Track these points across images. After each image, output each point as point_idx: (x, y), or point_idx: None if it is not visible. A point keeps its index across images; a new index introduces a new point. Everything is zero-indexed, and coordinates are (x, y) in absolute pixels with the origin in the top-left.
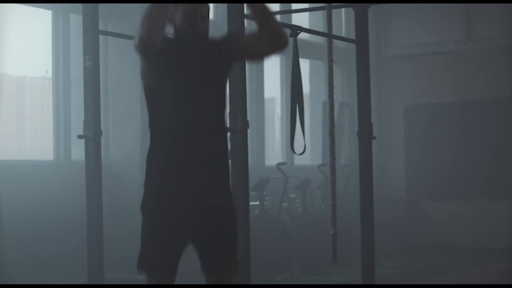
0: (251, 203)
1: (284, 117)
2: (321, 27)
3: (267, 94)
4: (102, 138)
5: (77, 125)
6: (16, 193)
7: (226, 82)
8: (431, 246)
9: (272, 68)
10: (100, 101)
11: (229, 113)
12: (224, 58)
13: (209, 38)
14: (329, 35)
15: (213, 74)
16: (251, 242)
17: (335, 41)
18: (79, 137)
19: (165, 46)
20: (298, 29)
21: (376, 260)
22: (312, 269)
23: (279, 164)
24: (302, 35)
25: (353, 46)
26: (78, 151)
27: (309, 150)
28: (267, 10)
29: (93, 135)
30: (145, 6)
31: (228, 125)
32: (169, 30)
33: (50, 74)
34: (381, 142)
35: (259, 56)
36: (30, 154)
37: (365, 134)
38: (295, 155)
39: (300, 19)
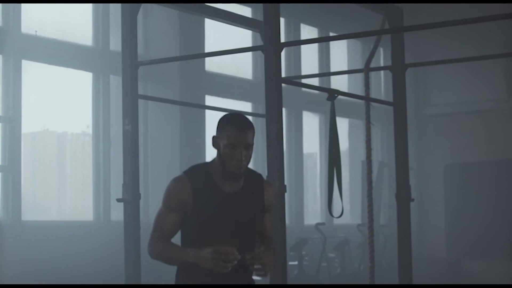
0: (290, 263)
1: (323, 174)
2: (359, 84)
3: (306, 149)
4: (143, 199)
5: (118, 186)
6: (57, 253)
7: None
8: None
9: (311, 123)
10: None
11: (267, 174)
12: (262, 209)
13: (250, 171)
14: (366, 98)
15: (252, 212)
16: None
17: (372, 103)
18: (118, 200)
19: (197, 196)
20: (335, 92)
21: None
22: None
23: (318, 224)
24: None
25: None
26: (118, 212)
27: (349, 209)
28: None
29: (131, 198)
30: (184, 69)
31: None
32: None
33: (91, 130)
34: (421, 201)
35: None
36: (71, 214)
37: (403, 196)
38: None
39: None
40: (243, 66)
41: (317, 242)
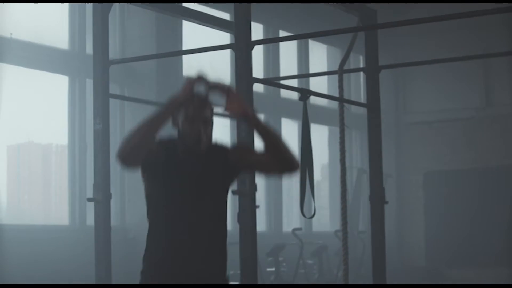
0: (268, 269)
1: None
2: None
3: None
4: (118, 203)
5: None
6: (32, 257)
7: (229, 188)
8: None
9: (290, 131)
10: (116, 165)
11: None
12: (230, 167)
13: (213, 143)
14: (340, 99)
15: (215, 181)
16: None
17: (347, 106)
18: (89, 200)
19: (161, 152)
20: (308, 92)
21: None
22: None
23: (294, 229)
24: (320, 101)
25: None
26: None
27: (328, 216)
28: (274, 135)
29: (102, 198)
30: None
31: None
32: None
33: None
34: (401, 208)
35: (268, 175)
36: (47, 218)
37: (377, 198)
38: (313, 220)
39: (319, 81)
40: (221, 70)
41: (294, 248)
